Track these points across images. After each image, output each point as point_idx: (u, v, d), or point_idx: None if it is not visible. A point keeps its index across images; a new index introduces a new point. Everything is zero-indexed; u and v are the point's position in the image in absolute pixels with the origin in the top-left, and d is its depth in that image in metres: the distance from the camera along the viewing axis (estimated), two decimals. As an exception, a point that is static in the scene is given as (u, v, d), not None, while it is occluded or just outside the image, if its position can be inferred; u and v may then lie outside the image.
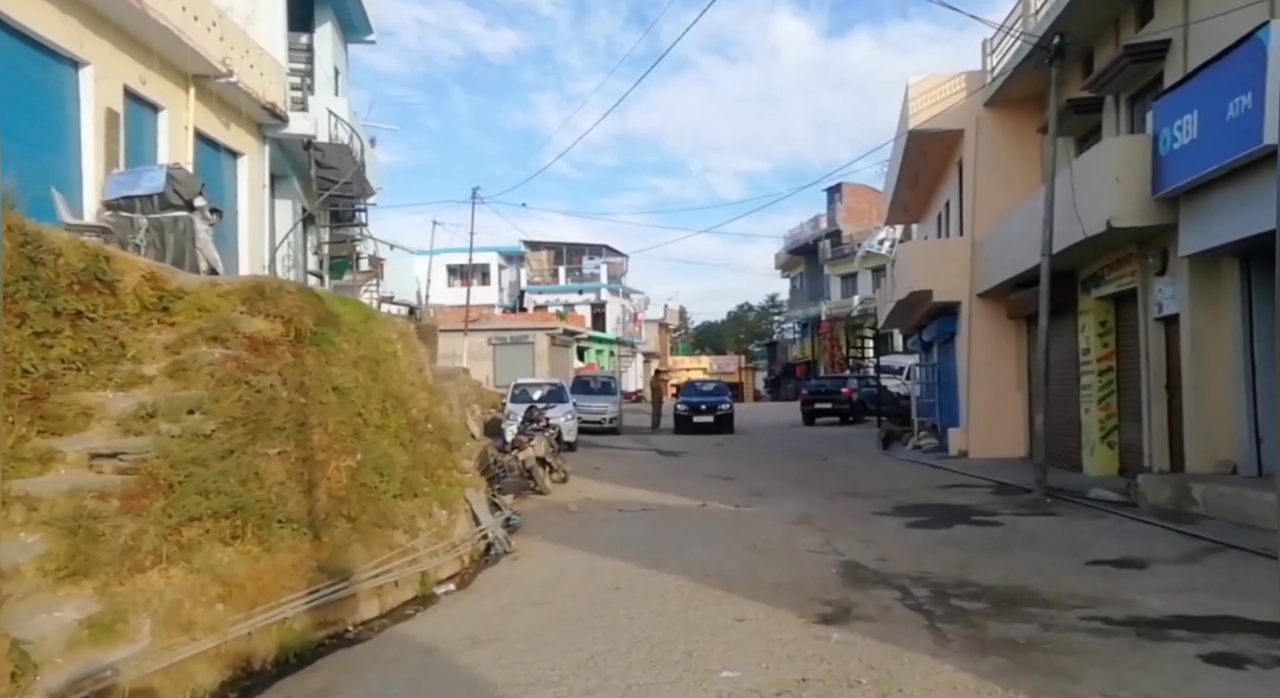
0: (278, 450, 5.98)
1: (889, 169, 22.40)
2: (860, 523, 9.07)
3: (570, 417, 18.25)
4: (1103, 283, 12.25)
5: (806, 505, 10.42)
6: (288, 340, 6.50)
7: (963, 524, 8.86)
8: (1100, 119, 12.74)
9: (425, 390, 9.30)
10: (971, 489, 11.64)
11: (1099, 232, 10.33)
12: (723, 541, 8.15)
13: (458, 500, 8.18)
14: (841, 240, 47.60)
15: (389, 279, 37.84)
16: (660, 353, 58.38)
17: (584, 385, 24.70)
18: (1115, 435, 12.29)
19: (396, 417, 7.75)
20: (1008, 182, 15.40)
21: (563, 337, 39.49)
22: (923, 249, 16.76)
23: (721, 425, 23.12)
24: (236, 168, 11.31)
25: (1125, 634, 5.04)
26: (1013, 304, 14.87)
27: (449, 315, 37.46)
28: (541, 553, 8.06)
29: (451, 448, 9.12)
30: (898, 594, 5.98)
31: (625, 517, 10.01)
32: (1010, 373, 15.44)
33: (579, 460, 15.98)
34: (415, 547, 6.91)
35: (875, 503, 10.52)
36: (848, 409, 26.66)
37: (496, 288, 47.70)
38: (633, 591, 6.26)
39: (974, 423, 15.47)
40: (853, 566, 6.95)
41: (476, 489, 8.98)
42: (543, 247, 49.55)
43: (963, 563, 6.97)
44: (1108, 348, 12.47)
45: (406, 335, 9.38)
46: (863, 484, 12.58)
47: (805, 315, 52.08)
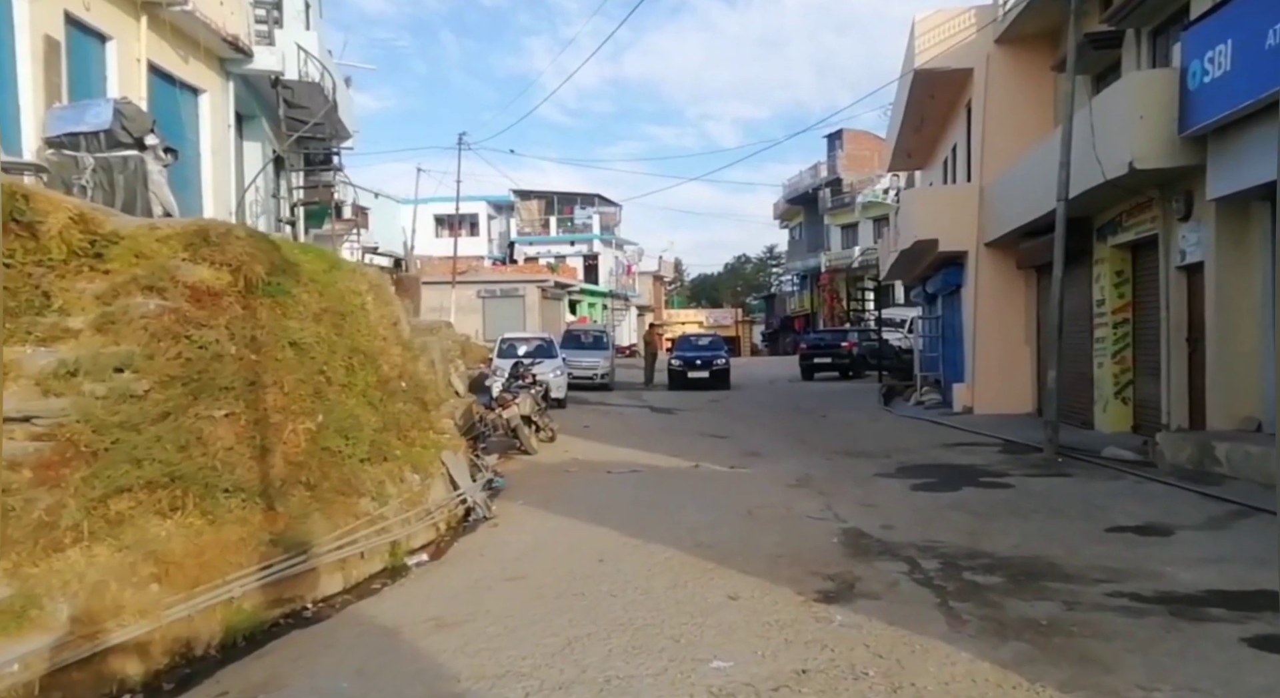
0: (224, 412, 5.42)
1: (892, 113, 21.47)
2: (862, 486, 8.59)
3: (559, 372, 17.72)
4: (1120, 230, 11.60)
5: (805, 466, 9.94)
6: (236, 291, 5.88)
7: (971, 487, 8.38)
8: (1119, 55, 11.93)
9: (399, 346, 8.70)
10: (978, 448, 11.17)
11: (1120, 174, 9.64)
12: (716, 505, 7.67)
13: (433, 464, 7.66)
14: (842, 189, 46.51)
15: (373, 230, 36.90)
16: (655, 306, 57.67)
17: (575, 340, 24.13)
18: (1130, 391, 11.78)
19: (365, 374, 7.17)
20: (1019, 124, 14.59)
21: (554, 289, 38.72)
22: (928, 196, 16.03)
23: (717, 381, 22.63)
24: (197, 106, 10.52)
25: (1157, 614, 4.56)
26: (1022, 254, 14.22)
27: (436, 267, 36.65)
28: (523, 519, 7.58)
29: (428, 407, 8.57)
30: (905, 567, 5.49)
31: (614, 479, 9.53)
32: (1018, 326, 14.87)
33: (568, 418, 15.50)
34: (384, 515, 6.40)
35: (877, 463, 10.04)
36: (848, 364, 26.16)
37: (485, 239, 46.71)
38: (617, 563, 5.77)
39: (980, 378, 14.96)
40: (855, 534, 6.47)
41: (455, 451, 8.46)
42: (533, 196, 48.42)
43: (973, 531, 6.49)
44: (1123, 299, 11.87)
45: (378, 287, 8.75)
46: (864, 443, 12.11)
47: (804, 267, 51.27)
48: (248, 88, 11.61)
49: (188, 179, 10.24)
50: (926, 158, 21.42)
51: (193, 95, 10.39)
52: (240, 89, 11.42)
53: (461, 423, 13.40)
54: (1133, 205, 11.07)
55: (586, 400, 19.58)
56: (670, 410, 17.83)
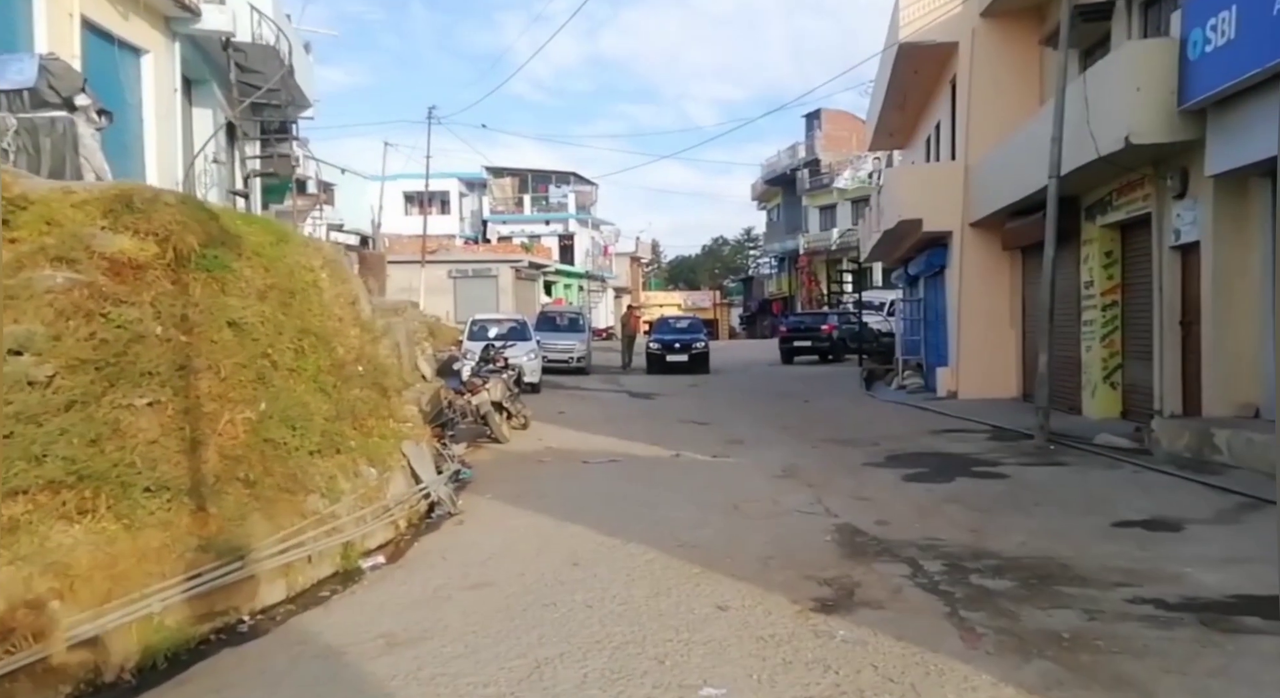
0: (147, 401, 4.79)
1: (874, 90, 20.97)
2: (852, 476, 8.14)
3: (533, 356, 17.12)
4: (1110, 209, 11.22)
5: (791, 455, 9.48)
6: (163, 264, 5.22)
7: (965, 477, 7.97)
8: (1109, 29, 11.51)
9: (358, 327, 8.07)
10: (967, 435, 10.79)
11: (1115, 149, 9.22)
12: (699, 499, 7.17)
13: (393, 455, 7.06)
14: (820, 170, 46.12)
15: (340, 207, 35.81)
16: (632, 288, 57.05)
17: (550, 322, 23.48)
18: (1119, 375, 11.47)
19: (316, 358, 6.54)
20: (1005, 101, 14.17)
21: (528, 270, 37.90)
22: (912, 174, 15.58)
23: (696, 365, 22.15)
24: (139, 67, 9.70)
25: (1187, 624, 4.14)
26: (1008, 234, 13.85)
27: (406, 246, 35.67)
28: (491, 515, 7.02)
29: (389, 393, 7.95)
30: (907, 569, 5.04)
31: (590, 469, 9.00)
32: (1003, 308, 14.52)
33: (542, 403, 14.93)
34: (336, 513, 5.81)
35: (865, 451, 9.62)
36: (828, 347, 25.81)
37: (457, 217, 45.64)
38: (593, 567, 5.25)
39: (964, 362, 14.61)
40: (850, 530, 6.00)
41: (418, 441, 7.87)
42: (506, 173, 47.38)
43: (975, 526, 6.05)
44: (1112, 280, 11.53)
45: (334, 263, 8.09)
46: (850, 429, 11.69)
47: (782, 249, 50.91)
48: (197, 50, 10.79)
49: (129, 146, 9.46)
50: (908, 137, 20.98)
51: (134, 55, 9.58)
52: (188, 51, 10.60)
53: (428, 410, 12.76)
54: (1124, 184, 10.69)
55: (562, 385, 19.01)
56: (649, 395, 17.32)
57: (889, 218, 15.57)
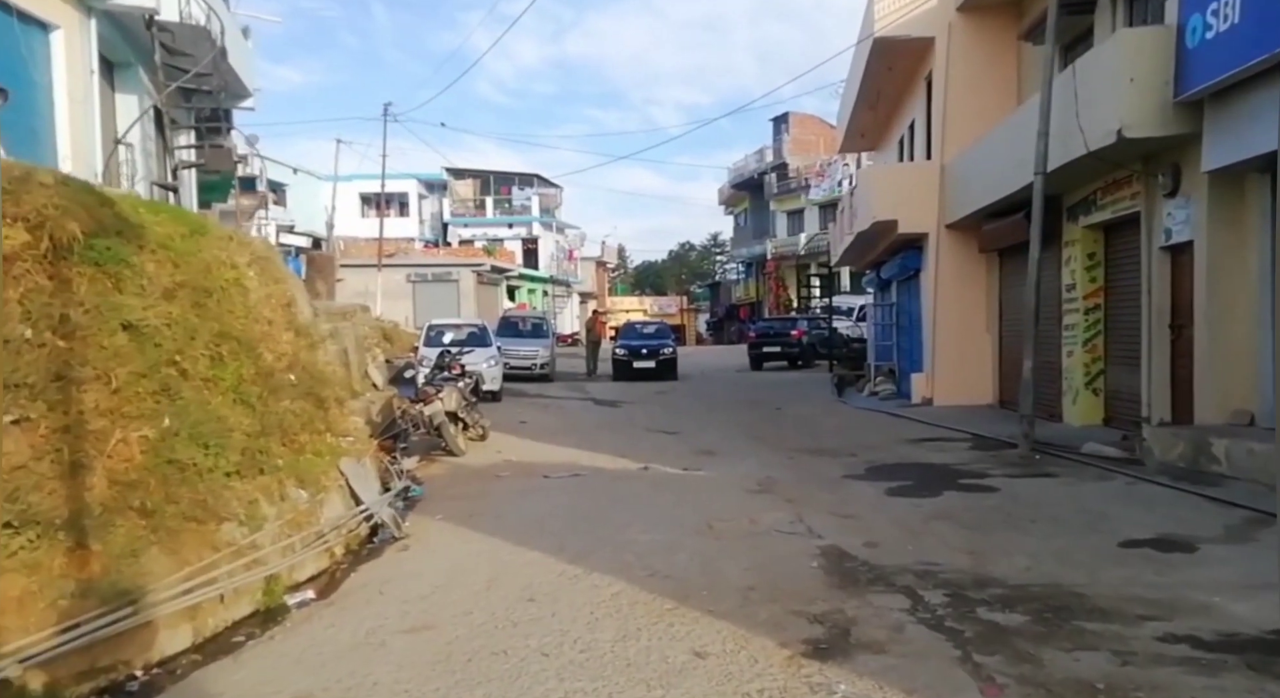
0: (12, 418, 4.02)
1: (845, 90, 20.63)
2: (832, 490, 7.57)
3: (493, 362, 16.36)
4: (1094, 209, 10.86)
5: (766, 467, 8.90)
6: (35, 255, 4.45)
7: (951, 490, 7.44)
8: (1092, 22, 11.19)
9: (292, 331, 7.29)
10: (947, 444, 10.31)
11: (1106, 144, 8.82)
12: (670, 518, 6.53)
13: (329, 474, 6.32)
14: (788, 174, 45.93)
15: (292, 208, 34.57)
16: (598, 293, 56.37)
17: (512, 327, 22.71)
18: (1101, 381, 11.11)
19: (238, 366, 5.79)
20: (982, 98, 13.84)
21: (490, 274, 36.99)
22: (887, 175, 15.17)
23: (664, 371, 21.57)
24: (49, 44, 8.81)
25: (1233, 668, 3.60)
26: (986, 236, 13.48)
27: (363, 249, 34.60)
28: (439, 539, 6.31)
29: (327, 405, 7.19)
30: (906, 601, 4.45)
31: (551, 485, 8.31)
32: (979, 313, 14.16)
33: (503, 412, 14.20)
34: (257, 543, 5.06)
35: (844, 463, 9.07)
36: (797, 353, 25.40)
37: (417, 220, 44.53)
38: (552, 603, 4.57)
39: (940, 368, 14.20)
40: (837, 554, 5.41)
41: (360, 458, 7.12)
42: (467, 175, 46.37)
43: (971, 548, 5.50)
44: (1095, 283, 11.18)
45: (264, 260, 7.30)
46: (825, 439, 11.16)
47: (749, 254, 50.64)
48: (118, 29, 9.90)
49: (37, 131, 8.56)
50: (880, 138, 20.66)
51: (41, 31, 8.68)
52: (109, 30, 9.70)
53: (379, 420, 11.98)
54: (1110, 182, 10.34)
55: (524, 393, 18.26)
56: (615, 403, 16.67)
57: (862, 220, 15.14)
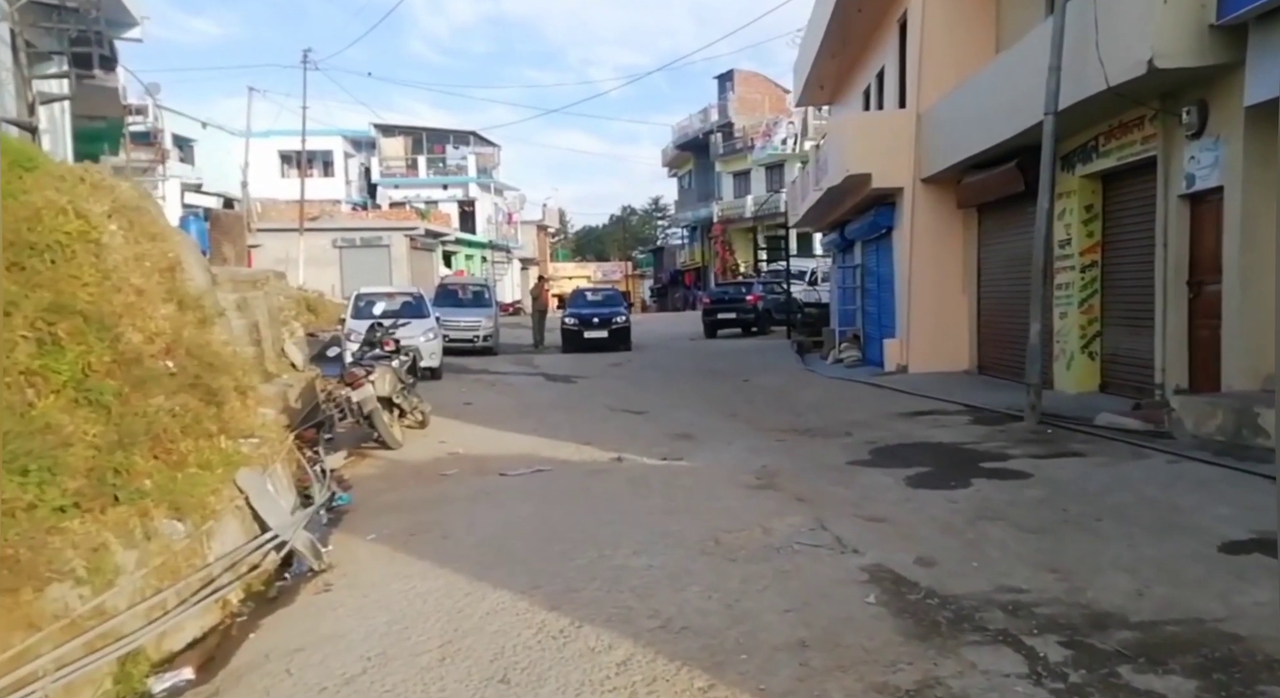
0: None
1: (805, 37, 19.39)
2: (844, 483, 6.45)
3: (431, 336, 14.80)
4: (1095, 156, 9.91)
5: (756, 453, 7.74)
6: None
7: (980, 478, 6.40)
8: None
9: (175, 303, 5.74)
10: (943, 417, 9.34)
11: (1132, 77, 7.78)
12: (665, 531, 5.29)
13: (222, 493, 4.86)
14: (734, 134, 44.66)
15: (201, 165, 31.65)
16: (539, 259, 54.43)
17: (451, 296, 21.03)
18: (1098, 344, 10.28)
19: (82, 352, 4.27)
20: (960, 42, 12.80)
21: (425, 239, 34.75)
22: (860, 124, 14.02)
23: (617, 341, 20.28)
24: None
25: None
26: (966, 191, 12.51)
27: (284, 212, 31.96)
28: (373, 573, 4.93)
29: (222, 398, 5.68)
30: (1017, 660, 3.30)
31: (510, 486, 6.98)
32: (956, 274, 13.25)
33: (444, 393, 12.74)
34: (106, 608, 3.64)
35: (842, 445, 7.98)
36: (753, 319, 24.39)
37: (343, 180, 41.69)
38: (536, 686, 3.29)
39: (915, 333, 13.28)
40: (891, 580, 4.26)
41: (267, 465, 5.67)
42: (398, 131, 43.52)
43: (1050, 563, 4.42)
44: (1092, 238, 10.30)
45: (133, 211, 5.70)
46: (809, 415, 10.08)
47: (695, 218, 49.37)
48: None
49: None
50: (840, 89, 19.52)
51: None
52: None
53: (299, 406, 10.40)
54: (1115, 125, 9.37)
55: (467, 368, 16.76)
56: (568, 378, 15.32)
57: (833, 174, 14.01)
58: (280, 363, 11.74)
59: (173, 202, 23.99)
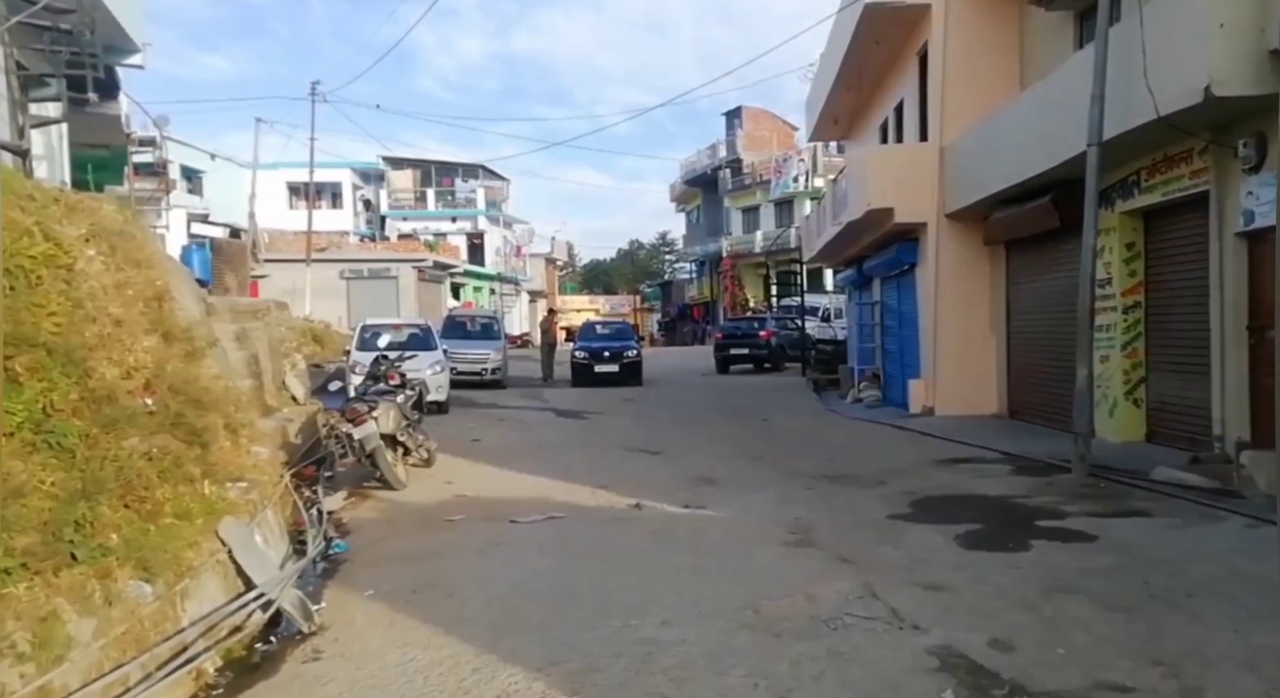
0: None
1: (819, 71, 19.16)
2: (890, 540, 5.87)
3: (439, 368, 14.32)
4: (1138, 192, 9.45)
5: (786, 502, 7.18)
6: None
7: (1039, 539, 5.81)
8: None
9: (159, 334, 5.27)
10: (983, 466, 8.75)
11: (1186, 105, 7.33)
12: (697, 595, 4.72)
13: (202, 546, 4.32)
14: (742, 170, 44.61)
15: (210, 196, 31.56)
16: (548, 291, 54.22)
17: (460, 328, 20.59)
18: (1142, 390, 9.71)
19: (44, 388, 3.78)
20: (985, 74, 12.48)
21: (433, 270, 34.52)
22: (883, 157, 13.64)
23: (628, 376, 19.77)
24: None
25: None
26: (994, 227, 12.05)
27: (291, 243, 31.80)
28: (368, 641, 4.36)
29: (209, 437, 5.16)
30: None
31: (521, 536, 6.42)
32: (984, 313, 12.74)
33: (452, 428, 12.21)
34: (51, 688, 3.09)
35: (879, 495, 7.40)
36: (766, 354, 23.85)
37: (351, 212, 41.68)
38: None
39: (942, 374, 12.73)
40: (966, 669, 3.68)
41: (255, 512, 5.13)
42: (406, 164, 43.57)
43: (1150, 652, 3.83)
44: (1135, 277, 9.78)
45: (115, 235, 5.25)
46: (837, 460, 9.51)
47: (703, 252, 49.17)
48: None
49: None
50: (855, 124, 19.23)
51: None
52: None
53: (299, 443, 9.90)
54: (1159, 159, 8.92)
55: (474, 402, 16.24)
56: (580, 414, 14.77)
57: (854, 207, 13.60)
58: (280, 396, 11.26)
59: (179, 232, 23.85)
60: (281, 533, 5.93)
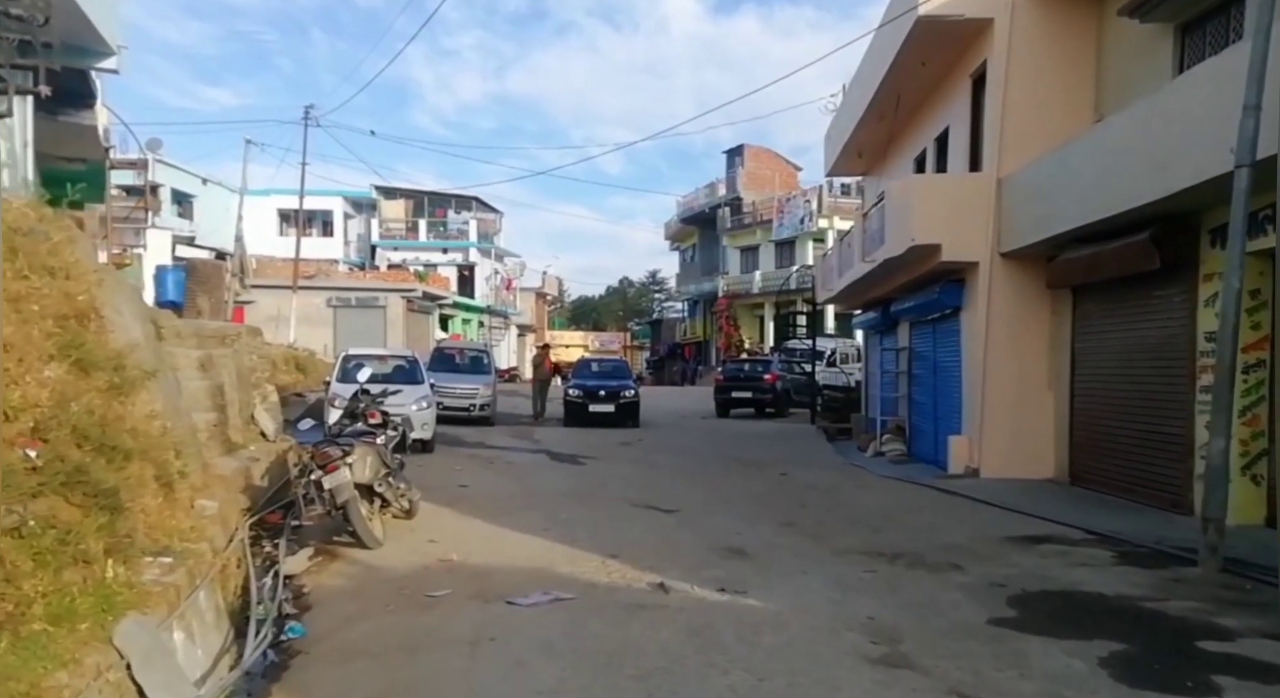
0: None
1: (845, 99, 18.24)
2: (1013, 664, 4.48)
3: (425, 405, 12.98)
4: (1270, 228, 8.10)
5: (845, 590, 5.86)
6: None
7: (1221, 675, 4.32)
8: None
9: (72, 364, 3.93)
10: (1072, 550, 7.38)
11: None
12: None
13: (82, 663, 2.94)
14: (742, 208, 43.84)
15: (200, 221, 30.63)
16: (538, 326, 52.93)
17: (448, 361, 19.27)
18: (1262, 465, 8.30)
19: None
20: (1053, 97, 11.27)
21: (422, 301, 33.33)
22: (933, 187, 12.41)
23: (624, 417, 18.49)
24: None
25: None
26: (1063, 268, 10.76)
27: (280, 270, 30.71)
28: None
29: (118, 502, 3.79)
30: None
31: (520, 624, 5.04)
32: (1040, 364, 11.51)
33: (436, 470, 10.85)
34: None
35: (960, 586, 6.07)
36: (770, 399, 22.57)
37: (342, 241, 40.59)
38: None
39: (989, 432, 11.45)
40: None
41: (178, 600, 3.74)
42: (399, 194, 42.62)
43: None
44: (1259, 331, 8.30)
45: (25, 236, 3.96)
46: (886, 530, 8.18)
47: (698, 291, 48.17)
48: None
49: None
50: (882, 156, 18.22)
51: None
52: None
53: (265, 485, 8.48)
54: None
55: (462, 440, 14.86)
56: (575, 458, 13.39)
57: (894, 243, 12.43)
58: (248, 432, 9.87)
59: (163, 254, 23.04)
60: (219, 618, 4.53)
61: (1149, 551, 7.14)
